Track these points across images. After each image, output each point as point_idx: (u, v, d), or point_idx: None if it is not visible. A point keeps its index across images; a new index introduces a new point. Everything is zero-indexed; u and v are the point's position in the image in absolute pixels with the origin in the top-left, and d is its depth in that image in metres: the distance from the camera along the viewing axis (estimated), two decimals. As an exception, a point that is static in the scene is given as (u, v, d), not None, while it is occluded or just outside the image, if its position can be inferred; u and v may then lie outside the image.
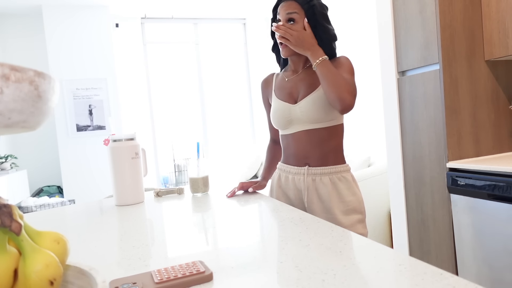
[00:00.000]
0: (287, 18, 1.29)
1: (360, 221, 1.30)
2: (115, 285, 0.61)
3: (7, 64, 0.38)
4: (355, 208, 1.30)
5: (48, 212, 1.38)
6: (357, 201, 1.31)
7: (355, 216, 1.29)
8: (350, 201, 1.29)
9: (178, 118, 5.06)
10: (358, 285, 0.58)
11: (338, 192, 1.30)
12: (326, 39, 1.31)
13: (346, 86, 1.20)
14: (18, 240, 0.47)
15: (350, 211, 1.29)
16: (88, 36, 4.27)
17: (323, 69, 1.21)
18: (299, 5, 1.29)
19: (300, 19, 1.28)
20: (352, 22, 3.75)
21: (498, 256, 1.68)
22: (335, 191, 1.30)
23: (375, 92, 3.42)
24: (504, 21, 1.81)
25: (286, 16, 1.29)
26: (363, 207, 1.32)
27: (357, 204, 1.30)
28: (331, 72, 1.21)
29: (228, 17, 5.14)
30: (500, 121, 2.00)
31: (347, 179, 1.32)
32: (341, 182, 1.31)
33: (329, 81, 1.20)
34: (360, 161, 3.21)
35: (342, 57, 1.34)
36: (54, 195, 4.27)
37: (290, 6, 1.29)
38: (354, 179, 1.35)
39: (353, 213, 1.29)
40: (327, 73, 1.21)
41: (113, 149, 1.35)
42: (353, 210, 1.29)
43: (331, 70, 1.21)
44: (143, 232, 0.98)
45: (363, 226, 1.31)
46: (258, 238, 0.87)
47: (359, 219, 1.30)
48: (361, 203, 1.32)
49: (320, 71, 1.22)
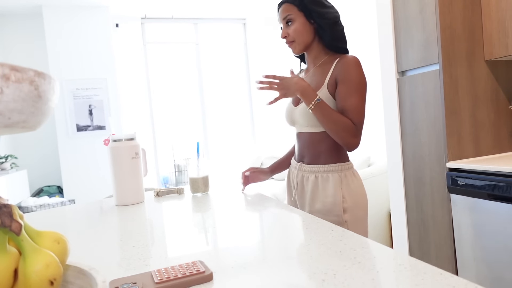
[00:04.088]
0: (285, 22, 1.35)
1: (334, 222, 1.26)
2: (115, 285, 0.61)
3: (7, 64, 0.38)
4: (330, 210, 1.27)
5: (48, 212, 1.38)
6: (332, 203, 1.27)
7: (328, 218, 1.27)
8: (327, 202, 1.28)
9: (178, 118, 5.06)
10: (358, 285, 0.58)
11: (318, 191, 1.31)
12: (326, 24, 1.30)
13: (349, 130, 1.21)
14: (18, 240, 0.47)
15: (327, 212, 1.28)
16: (88, 36, 4.27)
17: (318, 115, 1.23)
18: (291, 4, 1.33)
19: (296, 17, 1.32)
20: (352, 22, 3.75)
21: (498, 256, 1.68)
22: (317, 190, 1.31)
23: (375, 92, 3.42)
24: (504, 21, 1.81)
25: (283, 21, 1.35)
26: (338, 209, 1.26)
27: (332, 207, 1.27)
28: (326, 117, 1.22)
29: (228, 17, 5.14)
30: (500, 121, 2.00)
31: (330, 179, 1.29)
32: (323, 182, 1.30)
33: (330, 128, 1.23)
34: (360, 161, 3.21)
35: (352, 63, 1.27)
36: (54, 195, 4.27)
37: (284, 10, 1.34)
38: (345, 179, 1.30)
39: (328, 214, 1.28)
40: (323, 119, 1.23)
41: (113, 149, 1.35)
42: (328, 211, 1.27)
43: (326, 114, 1.22)
44: (143, 232, 0.98)
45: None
46: (258, 238, 0.87)
47: (333, 221, 1.26)
48: (337, 205, 1.26)
49: (317, 116, 1.24)
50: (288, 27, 1.34)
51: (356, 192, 1.30)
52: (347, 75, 1.25)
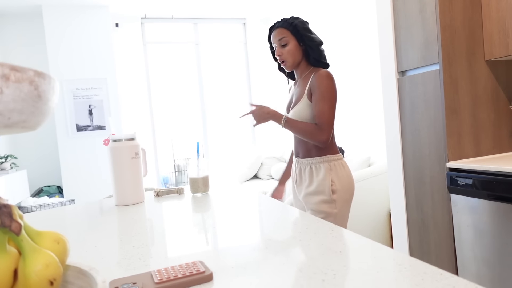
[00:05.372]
0: (280, 44, 1.62)
1: (324, 201, 1.55)
2: (115, 285, 0.61)
3: (7, 64, 0.38)
4: (322, 191, 1.56)
5: (48, 212, 1.38)
6: (322, 185, 1.56)
7: (320, 197, 1.56)
8: (319, 184, 1.57)
9: (178, 118, 5.06)
10: (358, 285, 0.58)
11: (312, 177, 1.61)
12: (314, 45, 1.60)
13: (313, 133, 1.52)
14: (18, 240, 0.47)
15: (319, 192, 1.56)
16: (88, 36, 4.27)
17: (290, 128, 1.57)
18: (285, 29, 1.60)
19: (290, 40, 1.60)
20: (352, 22, 3.75)
21: (498, 256, 1.68)
22: (311, 176, 1.61)
23: (375, 92, 3.42)
24: (504, 21, 1.81)
25: (278, 43, 1.62)
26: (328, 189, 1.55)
27: (322, 188, 1.56)
28: (296, 128, 1.55)
29: (228, 17, 5.14)
30: (500, 121, 2.00)
31: (322, 168, 1.58)
32: (317, 170, 1.60)
33: (301, 135, 1.55)
34: (360, 161, 3.20)
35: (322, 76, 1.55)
36: (54, 195, 4.27)
37: (279, 33, 1.61)
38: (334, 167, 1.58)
39: (319, 194, 1.56)
40: (294, 131, 1.56)
41: (113, 149, 1.35)
42: (320, 191, 1.56)
43: (294, 126, 1.55)
44: (143, 232, 0.98)
45: (330, 206, 1.55)
46: (258, 238, 0.87)
47: (324, 200, 1.55)
48: (326, 186, 1.55)
49: (288, 129, 1.57)
50: (283, 48, 1.61)
51: (344, 178, 1.58)
52: (318, 85, 1.54)
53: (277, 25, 1.63)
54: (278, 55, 1.62)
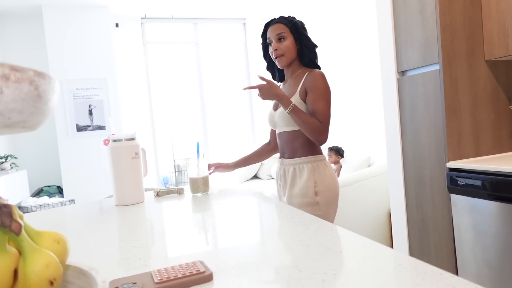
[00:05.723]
0: (278, 38, 1.60)
1: (308, 203, 1.53)
2: (115, 285, 0.61)
3: (7, 64, 0.38)
4: (305, 193, 1.54)
5: (48, 212, 1.38)
6: (306, 186, 1.55)
7: (303, 199, 1.55)
8: (302, 186, 1.56)
9: (178, 118, 5.05)
10: (358, 285, 0.58)
11: (296, 179, 1.59)
12: (311, 46, 1.62)
13: (317, 129, 1.49)
14: (18, 240, 0.47)
15: (302, 194, 1.55)
16: (88, 36, 4.27)
17: (294, 117, 1.51)
18: (284, 25, 1.60)
19: (288, 36, 1.60)
20: (352, 22, 3.75)
21: (498, 256, 1.68)
22: (294, 178, 1.60)
23: (375, 92, 3.42)
24: (504, 21, 1.81)
25: (276, 37, 1.60)
26: (311, 191, 1.53)
27: (306, 190, 1.54)
28: (301, 119, 1.50)
29: (228, 17, 5.14)
30: (500, 121, 1.99)
31: (305, 168, 1.57)
32: (300, 171, 1.59)
33: (303, 127, 1.51)
34: (360, 161, 3.20)
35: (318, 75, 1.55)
36: (54, 195, 4.27)
37: (277, 28, 1.61)
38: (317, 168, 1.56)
39: (303, 196, 1.55)
40: (298, 121, 1.51)
41: (113, 149, 1.35)
42: (303, 194, 1.55)
43: (301, 117, 1.50)
44: (143, 232, 0.98)
45: (313, 209, 1.53)
46: (258, 238, 0.87)
47: (307, 202, 1.54)
48: (310, 189, 1.54)
49: (293, 118, 1.52)
50: (280, 43, 1.60)
51: (327, 179, 1.57)
52: (317, 85, 1.54)
53: (276, 20, 1.63)
54: (274, 49, 1.60)
